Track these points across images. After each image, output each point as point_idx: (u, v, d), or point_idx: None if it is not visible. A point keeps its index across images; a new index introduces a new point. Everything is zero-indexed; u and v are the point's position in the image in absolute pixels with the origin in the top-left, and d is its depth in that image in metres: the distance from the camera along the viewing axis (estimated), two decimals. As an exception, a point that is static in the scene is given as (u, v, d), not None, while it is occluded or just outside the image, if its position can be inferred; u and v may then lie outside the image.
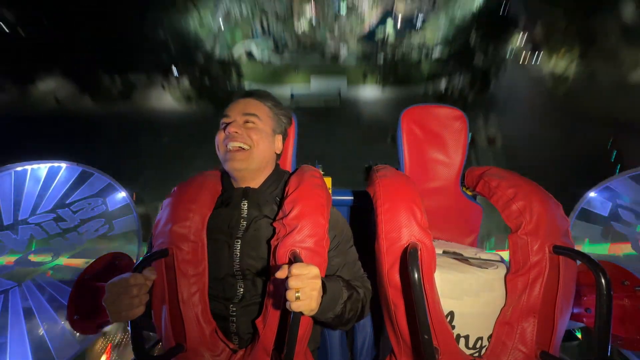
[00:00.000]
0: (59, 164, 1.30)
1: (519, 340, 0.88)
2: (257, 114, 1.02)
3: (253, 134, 1.00)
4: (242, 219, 0.98)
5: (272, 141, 1.06)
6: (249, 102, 1.05)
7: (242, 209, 1.00)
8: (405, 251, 0.86)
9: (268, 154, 1.05)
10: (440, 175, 1.32)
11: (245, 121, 1.01)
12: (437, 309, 0.85)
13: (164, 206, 1.02)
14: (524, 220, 0.94)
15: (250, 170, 1.01)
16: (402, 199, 0.93)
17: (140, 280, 0.77)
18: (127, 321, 0.78)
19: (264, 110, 1.05)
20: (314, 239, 0.87)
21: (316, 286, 0.73)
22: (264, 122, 1.03)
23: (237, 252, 0.94)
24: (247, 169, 1.00)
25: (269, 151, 1.05)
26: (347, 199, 1.57)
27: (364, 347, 1.23)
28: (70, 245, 1.28)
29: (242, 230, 0.97)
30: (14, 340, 1.07)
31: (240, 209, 1.00)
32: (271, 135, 1.05)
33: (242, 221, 0.98)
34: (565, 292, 0.88)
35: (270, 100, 1.09)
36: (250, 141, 0.99)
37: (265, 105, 1.07)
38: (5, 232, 1.12)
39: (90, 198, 1.38)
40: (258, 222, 0.97)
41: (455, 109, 1.33)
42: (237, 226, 0.98)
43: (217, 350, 0.92)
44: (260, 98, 1.07)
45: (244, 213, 0.99)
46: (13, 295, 1.10)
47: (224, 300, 0.97)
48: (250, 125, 1.01)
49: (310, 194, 0.95)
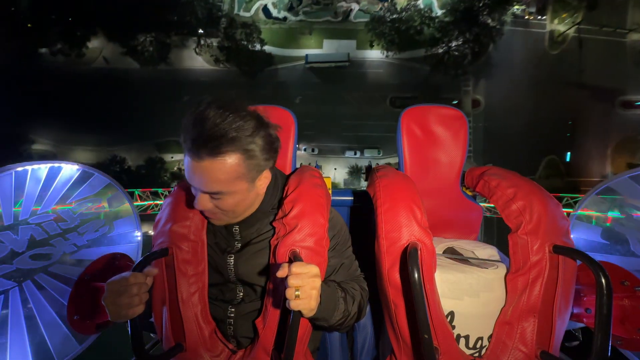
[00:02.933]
0: (59, 164, 1.30)
1: (519, 340, 0.88)
2: (222, 190, 0.82)
3: (224, 205, 0.86)
4: (235, 241, 0.97)
5: (253, 190, 0.89)
6: (210, 170, 0.79)
7: (234, 233, 0.97)
8: (405, 251, 0.86)
9: (252, 200, 0.92)
10: (440, 175, 1.32)
11: (211, 197, 0.85)
12: (437, 309, 0.85)
13: (164, 205, 1.03)
14: (523, 220, 0.94)
15: (238, 218, 0.94)
16: (402, 199, 0.93)
17: (140, 279, 0.77)
18: (127, 320, 0.78)
19: (233, 171, 0.80)
20: (313, 238, 0.88)
21: (316, 285, 0.73)
22: (235, 188, 0.83)
23: (231, 266, 0.94)
24: (230, 222, 0.95)
25: (252, 199, 0.92)
26: (347, 199, 1.57)
27: (364, 347, 1.23)
28: (71, 245, 1.28)
29: (236, 249, 0.96)
30: (14, 340, 1.07)
31: (232, 233, 0.97)
32: (248, 190, 0.88)
33: (236, 243, 0.97)
34: (565, 292, 0.88)
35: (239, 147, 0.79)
36: (223, 210, 0.88)
37: (234, 161, 0.80)
38: (6, 232, 1.12)
39: (90, 198, 1.38)
40: (251, 241, 0.95)
41: (455, 109, 1.33)
42: (231, 244, 0.97)
43: (216, 351, 0.92)
44: (220, 154, 0.77)
45: (237, 236, 0.97)
46: (13, 295, 1.10)
47: (223, 303, 0.97)
48: (218, 197, 0.84)
49: (309, 193, 0.95)
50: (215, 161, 0.78)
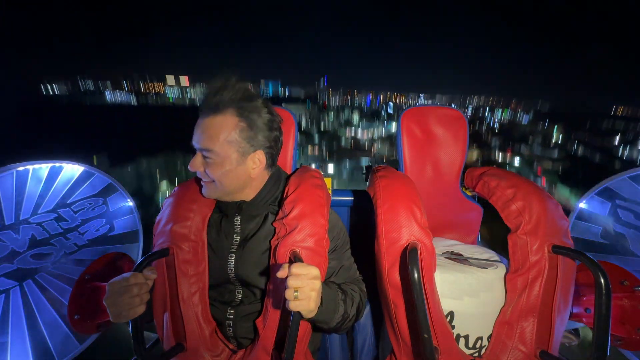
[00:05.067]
0: (60, 163, 1.31)
1: (518, 339, 0.88)
2: (213, 149, 0.85)
3: (212, 170, 0.88)
4: (235, 234, 0.97)
5: (243, 167, 0.91)
6: (208, 126, 0.85)
7: (235, 224, 0.98)
8: (405, 251, 0.86)
9: (241, 180, 0.93)
10: (440, 175, 1.32)
11: (203, 155, 0.89)
12: (437, 308, 0.85)
13: (164, 206, 1.03)
14: (523, 220, 0.94)
15: (226, 195, 0.95)
16: (402, 199, 0.93)
17: (141, 279, 0.77)
18: (128, 321, 0.78)
19: (227, 132, 0.85)
20: (314, 238, 0.88)
21: (315, 287, 0.73)
22: (224, 152, 0.86)
23: (231, 266, 0.94)
24: (220, 197, 0.96)
25: (241, 178, 0.92)
26: (347, 199, 1.57)
27: (364, 348, 1.23)
28: (71, 245, 1.28)
29: (235, 246, 0.96)
30: (14, 340, 1.07)
31: (233, 224, 0.98)
32: (238, 164, 0.89)
33: (235, 236, 0.97)
34: (564, 292, 0.88)
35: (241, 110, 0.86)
36: (211, 177, 0.90)
37: (231, 122, 0.85)
38: (7, 231, 1.12)
39: (91, 198, 1.39)
40: (251, 238, 0.95)
41: (455, 109, 1.33)
42: (230, 241, 0.97)
43: (217, 350, 0.92)
44: (225, 110, 0.85)
45: (237, 229, 0.97)
46: (14, 294, 1.10)
47: (222, 304, 0.97)
48: (209, 161, 0.88)
49: (310, 194, 0.95)
50: (214, 117, 0.86)
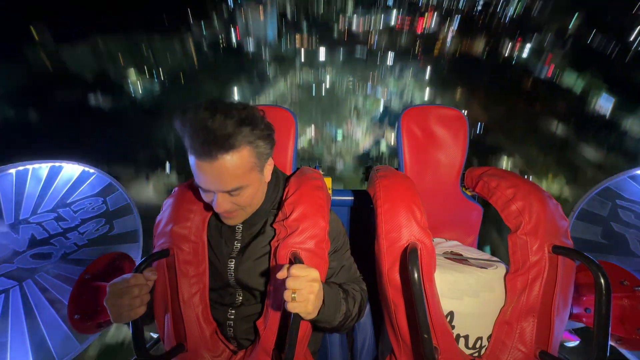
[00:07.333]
0: (59, 163, 1.31)
1: (518, 339, 0.88)
2: (242, 185, 0.82)
3: (242, 201, 0.86)
4: (235, 241, 0.97)
5: (263, 179, 0.91)
6: (227, 167, 0.78)
7: (236, 232, 0.98)
8: (405, 251, 0.86)
9: (263, 192, 0.95)
10: (440, 175, 1.32)
11: (230, 194, 0.84)
12: (437, 308, 0.85)
13: (165, 206, 1.03)
14: (523, 220, 0.94)
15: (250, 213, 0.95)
16: (402, 199, 0.93)
17: (141, 280, 0.77)
18: (128, 321, 0.78)
19: (246, 164, 0.81)
20: (314, 240, 0.88)
21: (314, 289, 0.72)
22: (251, 180, 0.84)
23: (231, 270, 0.94)
24: (245, 218, 0.95)
25: (263, 189, 0.94)
26: (347, 199, 1.57)
27: (364, 348, 1.23)
28: (71, 244, 1.28)
29: (235, 252, 0.96)
30: (14, 340, 1.07)
31: (234, 231, 0.98)
32: (260, 180, 0.89)
33: (235, 243, 0.97)
34: (564, 292, 0.88)
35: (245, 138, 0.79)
36: (242, 206, 0.89)
37: (246, 153, 0.80)
38: (7, 231, 1.12)
39: (90, 198, 1.39)
40: (251, 242, 0.95)
41: (455, 109, 1.33)
42: (230, 247, 0.97)
43: (217, 351, 0.92)
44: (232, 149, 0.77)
45: (238, 236, 0.97)
46: (14, 294, 1.10)
47: (223, 306, 0.97)
48: (237, 195, 0.85)
49: (310, 195, 0.94)
50: (229, 157, 0.77)
